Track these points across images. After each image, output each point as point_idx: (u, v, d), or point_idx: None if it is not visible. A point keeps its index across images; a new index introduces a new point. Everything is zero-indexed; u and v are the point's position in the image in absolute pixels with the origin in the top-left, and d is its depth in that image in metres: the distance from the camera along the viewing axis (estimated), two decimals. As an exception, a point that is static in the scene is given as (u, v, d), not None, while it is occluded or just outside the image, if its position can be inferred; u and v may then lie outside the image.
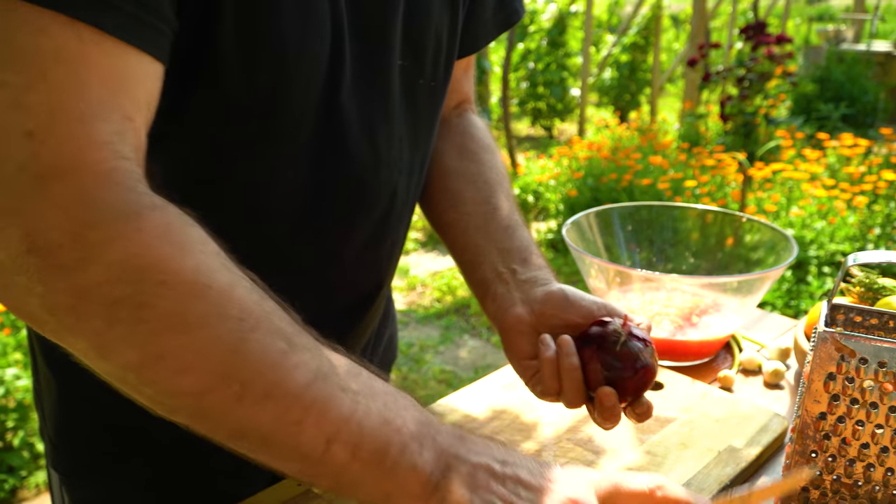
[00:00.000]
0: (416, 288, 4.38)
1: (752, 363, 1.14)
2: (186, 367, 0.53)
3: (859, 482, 0.75)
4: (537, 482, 0.62)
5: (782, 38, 4.92)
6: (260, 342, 0.55)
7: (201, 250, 0.55)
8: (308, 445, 0.57)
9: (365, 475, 0.58)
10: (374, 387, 0.60)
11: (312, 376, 0.57)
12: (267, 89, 0.70)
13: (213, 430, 0.57)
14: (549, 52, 7.83)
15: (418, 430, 0.60)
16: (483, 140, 1.01)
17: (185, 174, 0.73)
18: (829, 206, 4.13)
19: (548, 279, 0.85)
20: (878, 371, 0.73)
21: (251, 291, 0.57)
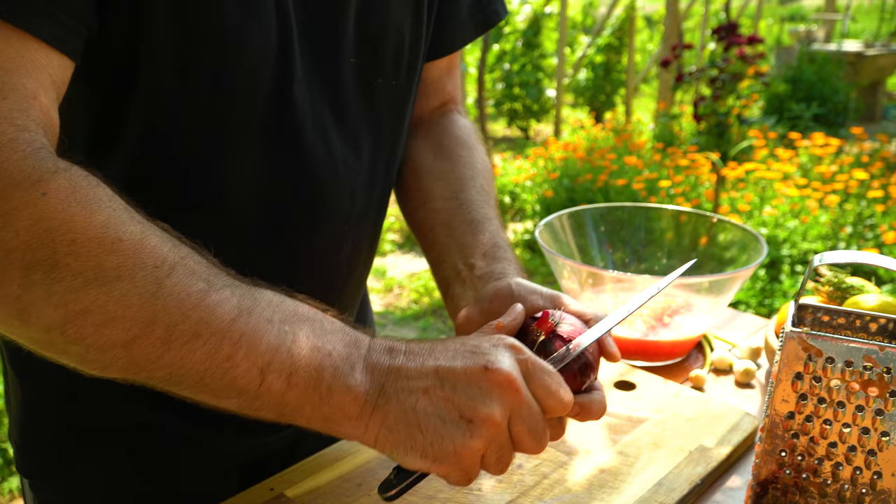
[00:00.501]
0: (393, 289, 4.37)
1: (724, 363, 1.14)
2: (109, 319, 0.55)
3: (828, 481, 0.76)
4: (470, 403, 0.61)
5: (754, 39, 4.97)
6: (178, 285, 0.57)
7: (109, 206, 0.57)
8: (243, 379, 0.59)
9: (303, 401, 0.60)
10: (299, 313, 0.62)
11: (236, 311, 0.58)
12: (208, 84, 0.69)
13: (149, 377, 0.59)
14: (525, 54, 7.86)
15: (347, 351, 0.62)
16: (461, 137, 0.99)
17: (140, 173, 0.73)
18: (801, 206, 4.18)
19: (504, 273, 0.82)
20: (845, 370, 0.73)
21: (164, 239, 0.58)
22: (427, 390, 0.61)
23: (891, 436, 0.73)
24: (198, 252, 0.61)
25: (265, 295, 0.61)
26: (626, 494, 0.82)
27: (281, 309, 0.61)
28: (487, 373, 0.61)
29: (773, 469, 0.77)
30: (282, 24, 0.72)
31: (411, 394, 0.61)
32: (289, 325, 0.60)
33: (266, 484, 0.84)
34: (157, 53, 0.66)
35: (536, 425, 0.63)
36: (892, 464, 0.73)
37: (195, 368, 0.58)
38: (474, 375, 0.61)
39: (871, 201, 4.23)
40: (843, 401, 0.74)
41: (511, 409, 0.62)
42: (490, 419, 0.60)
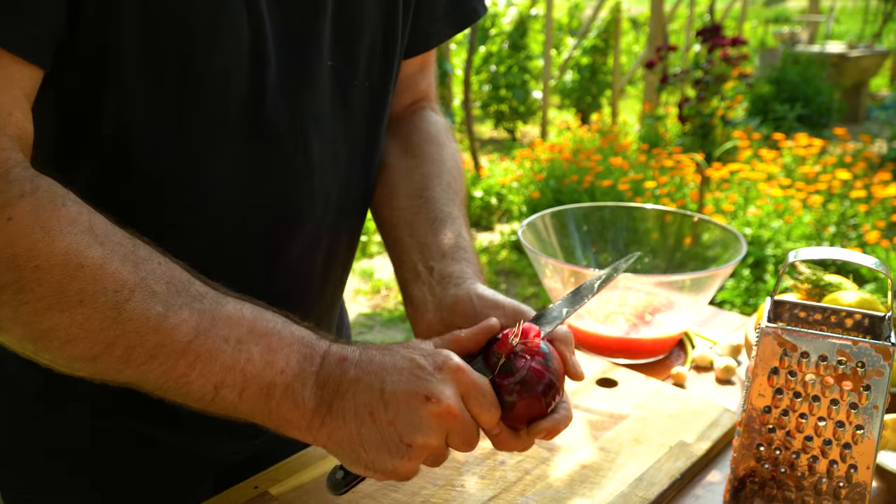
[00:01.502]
0: (380, 291, 4.37)
1: (705, 360, 1.16)
2: (72, 338, 0.59)
3: (804, 474, 0.77)
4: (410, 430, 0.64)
5: (737, 41, 5.01)
6: (136, 309, 0.60)
7: (70, 231, 0.59)
8: (198, 392, 0.62)
9: (254, 411, 0.64)
10: (257, 328, 0.64)
11: (193, 333, 0.61)
12: (178, 87, 0.70)
13: (112, 381, 0.63)
14: (511, 55, 7.87)
15: (300, 367, 0.65)
16: (431, 133, 0.97)
17: (111, 179, 0.73)
18: (785, 206, 4.21)
19: (464, 277, 0.80)
20: (820, 365, 0.75)
21: (125, 262, 0.61)
22: (372, 413, 0.64)
23: (865, 429, 0.74)
24: (162, 265, 0.63)
25: (225, 310, 0.64)
26: (606, 490, 0.83)
27: (239, 325, 0.64)
28: (429, 404, 0.64)
29: (750, 463, 0.78)
30: (255, 27, 0.72)
31: (357, 416, 0.64)
32: (245, 342, 0.63)
33: (250, 482, 0.85)
34: (125, 56, 0.66)
35: (470, 437, 0.67)
36: (866, 457, 0.75)
37: (153, 382, 0.62)
38: (416, 405, 0.64)
39: (853, 201, 4.27)
40: (818, 395, 0.75)
41: (449, 430, 0.65)
42: (427, 445, 0.64)
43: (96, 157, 0.71)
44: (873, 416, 0.74)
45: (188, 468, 0.91)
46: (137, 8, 0.65)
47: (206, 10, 0.68)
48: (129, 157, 0.72)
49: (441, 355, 0.67)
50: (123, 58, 0.66)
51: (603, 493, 0.83)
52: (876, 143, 6.14)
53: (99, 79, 0.67)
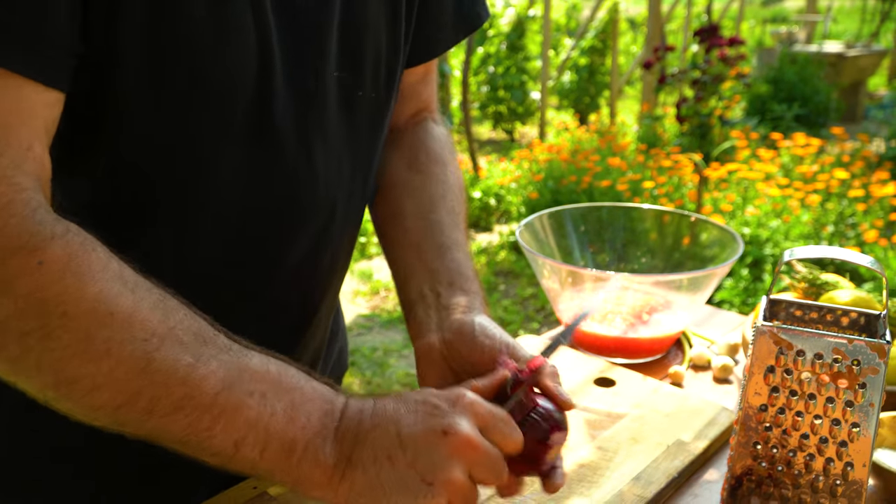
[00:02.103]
0: (379, 292, 4.37)
1: (702, 359, 1.16)
2: (97, 387, 0.58)
3: (801, 472, 0.77)
4: (431, 469, 0.63)
5: (734, 41, 5.02)
6: (165, 360, 0.59)
7: (102, 277, 0.58)
8: (219, 447, 0.61)
9: (273, 469, 0.63)
10: (282, 384, 0.64)
11: (221, 385, 0.61)
12: (183, 101, 0.69)
13: (131, 433, 0.61)
14: (509, 56, 7.88)
15: (321, 423, 0.64)
16: (435, 151, 0.98)
17: (114, 189, 0.72)
18: (783, 205, 4.21)
19: (471, 307, 0.82)
20: (815, 363, 0.75)
21: (154, 310, 0.60)
22: (391, 457, 0.63)
23: (861, 427, 0.74)
24: (189, 317, 0.62)
25: (252, 363, 0.64)
26: (604, 488, 0.83)
27: (265, 380, 0.63)
28: (447, 437, 0.63)
29: (747, 461, 0.79)
30: (262, 38, 0.71)
31: (376, 462, 0.63)
32: (270, 397, 0.63)
33: (249, 482, 0.85)
34: (129, 72, 0.65)
35: (496, 467, 0.65)
36: (863, 455, 0.75)
37: (175, 435, 0.61)
38: (434, 441, 0.63)
39: (852, 200, 4.27)
40: (814, 393, 0.75)
41: (471, 463, 0.64)
42: (450, 481, 0.63)
43: (100, 160, 0.71)
44: (869, 414, 0.74)
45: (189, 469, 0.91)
46: (143, 19, 0.64)
47: (213, 23, 0.67)
48: (132, 160, 0.72)
49: (454, 392, 0.67)
50: (128, 67, 0.65)
51: (601, 492, 0.83)
52: (874, 142, 6.15)
53: (103, 97, 0.67)
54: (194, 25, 0.66)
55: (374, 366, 3.56)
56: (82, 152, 0.71)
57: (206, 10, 0.67)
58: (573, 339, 1.22)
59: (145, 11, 0.64)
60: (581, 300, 1.21)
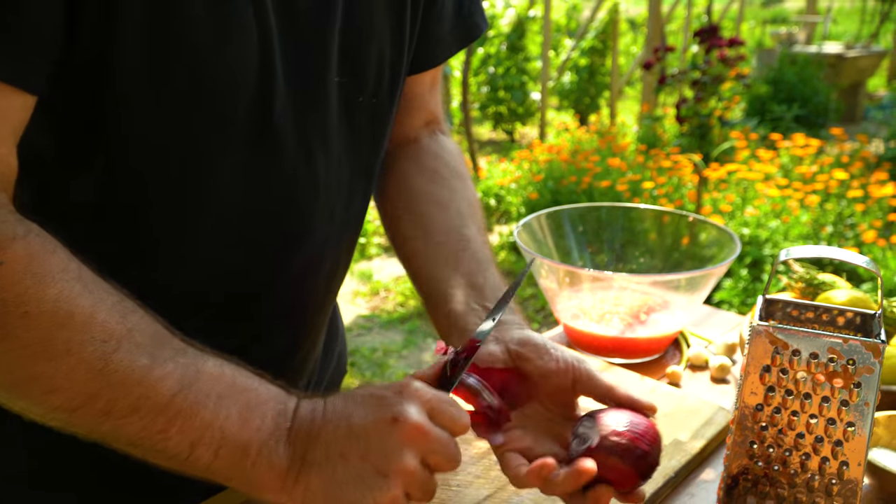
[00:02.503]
0: (379, 293, 4.37)
1: (700, 359, 1.16)
2: (56, 388, 0.58)
3: (797, 471, 0.78)
4: (384, 459, 0.63)
5: (734, 41, 5.02)
6: (123, 361, 0.59)
7: (62, 278, 0.59)
8: (174, 450, 0.61)
9: (229, 472, 0.63)
10: (237, 386, 0.64)
11: (178, 387, 0.61)
12: (180, 101, 0.69)
13: (84, 435, 0.62)
14: (509, 57, 7.89)
15: (275, 424, 0.64)
16: (455, 167, 0.99)
17: (111, 197, 0.72)
18: (782, 206, 4.21)
19: (523, 324, 0.83)
20: (811, 362, 0.75)
21: (113, 311, 0.60)
22: (343, 454, 0.63)
23: (856, 426, 0.75)
24: (146, 319, 0.63)
25: (207, 365, 0.64)
26: (601, 488, 0.84)
27: (220, 381, 0.63)
28: (397, 424, 0.63)
29: (743, 461, 0.79)
30: (263, 42, 0.71)
31: (329, 460, 0.63)
32: (225, 398, 0.63)
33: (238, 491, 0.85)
34: (128, 72, 0.65)
35: (449, 451, 0.65)
36: (858, 454, 0.75)
37: (130, 437, 0.61)
38: (384, 429, 0.63)
39: (850, 201, 4.27)
40: (810, 392, 0.76)
41: (423, 449, 0.64)
42: (404, 469, 0.63)
43: (100, 161, 0.71)
44: (864, 413, 0.74)
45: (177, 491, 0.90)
46: (142, 18, 0.64)
47: (214, 22, 0.67)
48: (132, 161, 0.72)
49: (399, 382, 0.68)
50: (127, 67, 0.65)
51: (597, 492, 0.83)
52: (873, 142, 6.15)
53: (101, 102, 0.66)
54: (194, 25, 0.66)
55: (374, 366, 3.56)
56: (83, 153, 0.71)
57: (207, 10, 0.66)
58: (570, 340, 1.22)
59: (145, 11, 0.64)
60: (579, 300, 1.21)
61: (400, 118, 0.97)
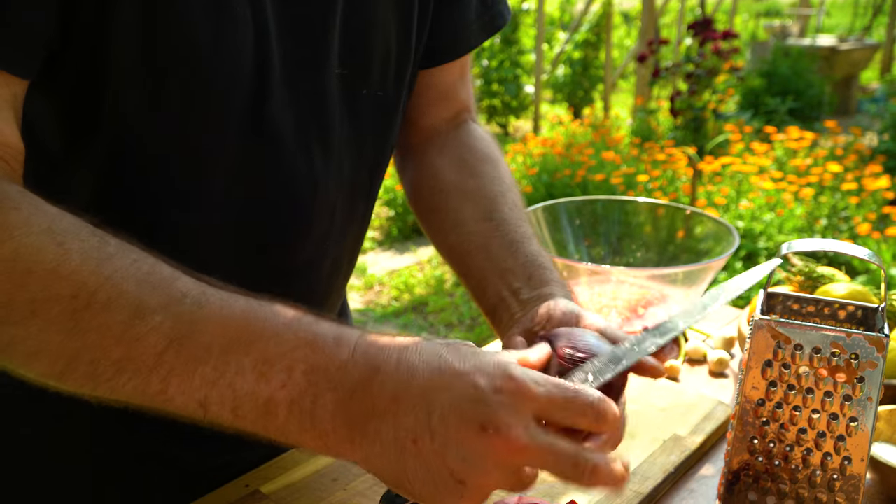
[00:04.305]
0: (373, 287, 4.36)
1: (698, 353, 1.15)
2: (34, 352, 0.53)
3: (798, 467, 0.77)
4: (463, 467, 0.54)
5: (728, 34, 5.01)
6: (96, 318, 0.53)
7: (20, 233, 0.53)
8: (186, 409, 0.55)
9: (257, 429, 0.56)
10: (251, 332, 0.55)
11: (166, 342, 0.53)
12: (178, 98, 0.67)
13: (94, 400, 0.56)
14: (503, 50, 7.87)
15: (308, 381, 0.55)
16: (484, 150, 0.95)
17: (110, 191, 0.71)
18: (776, 199, 4.22)
19: (550, 295, 0.77)
20: (813, 357, 0.74)
21: (86, 261, 0.54)
22: (416, 441, 0.54)
23: (859, 421, 0.74)
24: (137, 262, 0.56)
25: (209, 311, 0.55)
26: (600, 484, 0.83)
27: (226, 329, 0.55)
28: (485, 435, 0.53)
29: (744, 456, 0.78)
30: (259, 37, 0.70)
31: (397, 442, 0.54)
32: (233, 351, 0.54)
33: (241, 480, 0.84)
34: (124, 62, 0.64)
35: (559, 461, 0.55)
36: (860, 449, 0.74)
37: (132, 399, 0.55)
38: (468, 436, 0.53)
39: (845, 193, 4.28)
40: (812, 387, 0.75)
41: (517, 465, 0.55)
42: (485, 484, 0.54)
43: (98, 156, 0.70)
44: (867, 408, 0.73)
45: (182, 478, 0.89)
46: (137, 15, 0.63)
47: (209, 17, 0.66)
48: (124, 173, 0.71)
49: (501, 370, 0.55)
50: (123, 64, 0.64)
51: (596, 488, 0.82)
52: (867, 135, 6.16)
53: (97, 96, 0.65)
54: (188, 15, 0.65)
55: (368, 360, 3.55)
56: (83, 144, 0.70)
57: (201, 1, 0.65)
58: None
59: (139, 3, 0.63)
60: (577, 294, 1.20)
61: (428, 110, 0.95)
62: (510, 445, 0.53)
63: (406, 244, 4.99)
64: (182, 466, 0.88)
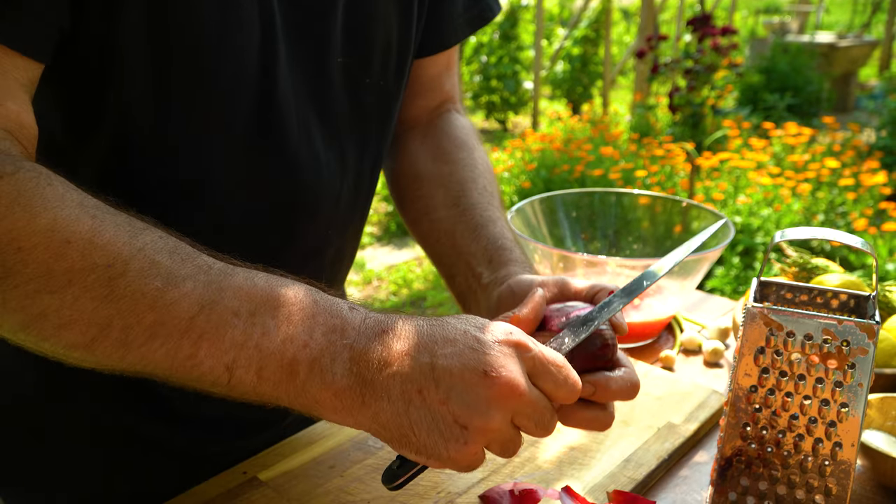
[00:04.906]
0: (371, 282, 4.37)
1: (693, 343, 1.16)
2: (66, 322, 0.55)
3: (790, 452, 0.78)
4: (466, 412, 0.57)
5: (727, 30, 5.02)
6: (131, 285, 0.55)
7: (56, 206, 0.55)
8: (211, 374, 0.57)
9: (278, 391, 0.58)
10: (273, 298, 0.59)
11: (197, 308, 0.56)
12: (185, 86, 0.68)
13: (119, 370, 0.58)
14: (502, 46, 7.87)
15: (327, 340, 0.58)
16: (461, 138, 0.96)
17: (114, 175, 0.72)
18: (774, 194, 4.22)
19: (507, 276, 0.79)
20: (805, 344, 0.75)
21: (119, 232, 0.56)
22: (421, 391, 0.57)
23: (849, 407, 0.74)
24: (163, 238, 0.59)
25: (235, 280, 0.58)
26: (595, 470, 0.84)
27: (252, 296, 0.58)
28: (487, 379, 0.57)
29: (737, 442, 0.79)
30: (266, 25, 0.71)
31: (404, 394, 0.57)
32: (259, 314, 0.58)
33: (239, 468, 0.85)
34: (130, 55, 0.65)
35: (542, 418, 0.60)
36: (851, 434, 0.75)
37: (160, 366, 0.57)
38: (473, 381, 0.57)
39: (842, 189, 4.29)
40: (804, 374, 0.76)
41: (513, 410, 0.59)
42: (486, 428, 0.58)
43: (97, 157, 0.71)
44: (858, 394, 0.74)
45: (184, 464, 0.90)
46: (143, 11, 0.64)
47: (216, 18, 0.67)
48: (129, 158, 0.71)
49: (501, 327, 0.61)
50: (130, 59, 0.65)
51: (591, 474, 0.83)
52: (864, 132, 6.17)
53: (103, 81, 0.66)
54: (196, 13, 0.66)
55: (367, 355, 3.56)
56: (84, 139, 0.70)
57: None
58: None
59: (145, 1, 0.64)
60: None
61: (412, 100, 0.96)
62: (511, 389, 0.57)
63: (404, 239, 5.00)
64: (181, 453, 0.88)
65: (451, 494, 0.80)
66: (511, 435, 0.60)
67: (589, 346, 0.70)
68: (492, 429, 0.58)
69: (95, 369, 0.58)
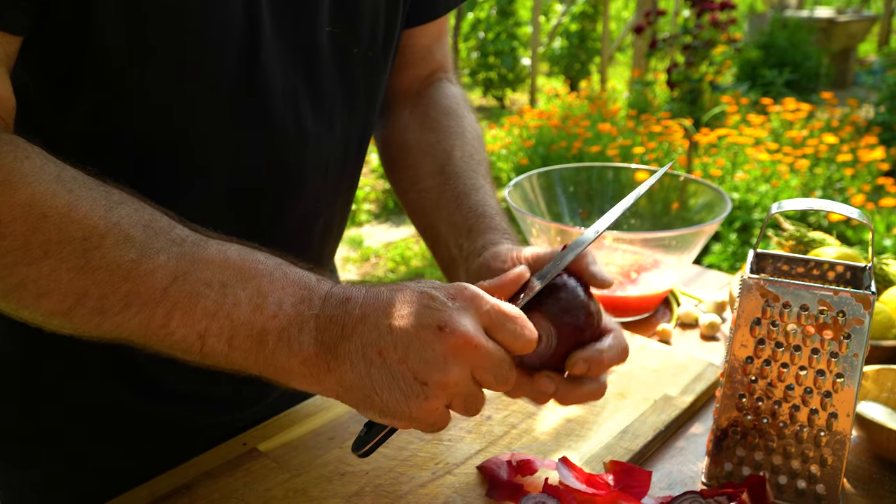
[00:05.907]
0: (369, 259, 4.37)
1: (690, 317, 1.17)
2: (44, 292, 0.57)
3: (786, 423, 0.78)
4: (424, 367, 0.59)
5: (726, 5, 4.98)
6: (106, 257, 0.57)
7: (35, 180, 0.57)
8: (184, 343, 0.59)
9: (248, 360, 0.61)
10: (245, 270, 0.61)
11: (170, 279, 0.58)
12: (166, 53, 0.67)
13: (97, 337, 0.60)
14: (499, 22, 7.81)
15: (296, 311, 0.61)
16: (449, 106, 0.95)
17: (97, 148, 0.71)
18: (772, 170, 4.22)
19: (485, 246, 0.79)
20: (801, 315, 0.75)
21: (95, 207, 0.58)
22: (381, 352, 0.59)
23: (845, 377, 0.75)
24: (138, 211, 0.60)
25: (208, 253, 0.60)
26: (591, 442, 0.84)
27: (224, 268, 0.60)
28: (442, 334, 0.59)
29: (733, 413, 0.79)
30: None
31: (364, 357, 0.59)
32: (230, 286, 0.59)
33: (239, 439, 0.85)
34: (110, 20, 0.64)
35: (500, 370, 0.61)
36: (846, 405, 0.76)
37: (135, 333, 0.59)
38: (428, 338, 0.59)
39: (840, 165, 4.28)
40: (800, 344, 0.76)
41: (471, 364, 0.60)
42: (444, 382, 0.59)
43: (80, 131, 0.70)
44: (853, 365, 0.75)
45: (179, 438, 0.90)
46: None
47: None
48: (111, 130, 0.71)
49: (455, 286, 0.62)
50: (109, 24, 0.64)
51: (588, 446, 0.84)
52: (863, 107, 6.15)
53: (84, 49, 0.65)
54: None
55: (365, 332, 3.56)
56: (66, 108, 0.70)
57: None
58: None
59: None
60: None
61: (403, 70, 0.95)
62: (466, 342, 0.59)
63: (402, 216, 4.99)
64: (179, 424, 0.89)
65: (450, 465, 0.80)
66: (472, 390, 0.61)
67: (574, 319, 0.69)
68: (451, 383, 0.59)
69: (74, 335, 0.61)
